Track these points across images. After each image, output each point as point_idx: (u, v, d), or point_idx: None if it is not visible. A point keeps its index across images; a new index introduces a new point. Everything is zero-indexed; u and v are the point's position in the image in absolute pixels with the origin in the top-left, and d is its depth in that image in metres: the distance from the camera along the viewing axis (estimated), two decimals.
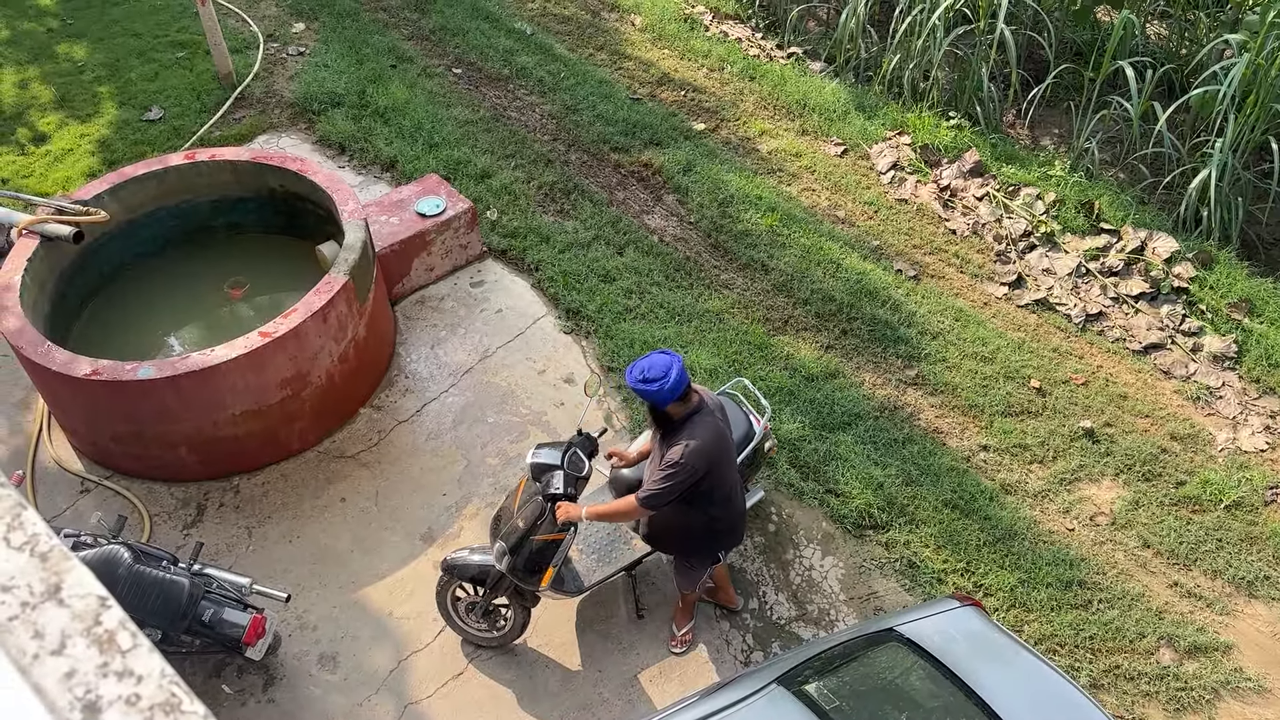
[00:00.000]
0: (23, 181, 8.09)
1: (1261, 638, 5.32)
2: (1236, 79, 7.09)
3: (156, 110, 8.86)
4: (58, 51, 9.65)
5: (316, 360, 5.98)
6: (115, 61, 9.44)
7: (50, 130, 8.73)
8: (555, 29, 9.79)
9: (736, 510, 4.74)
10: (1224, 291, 6.93)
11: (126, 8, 10.16)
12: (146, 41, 9.68)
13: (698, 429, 4.38)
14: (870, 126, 8.45)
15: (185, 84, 9.13)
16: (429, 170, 7.86)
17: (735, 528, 4.80)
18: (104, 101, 9.01)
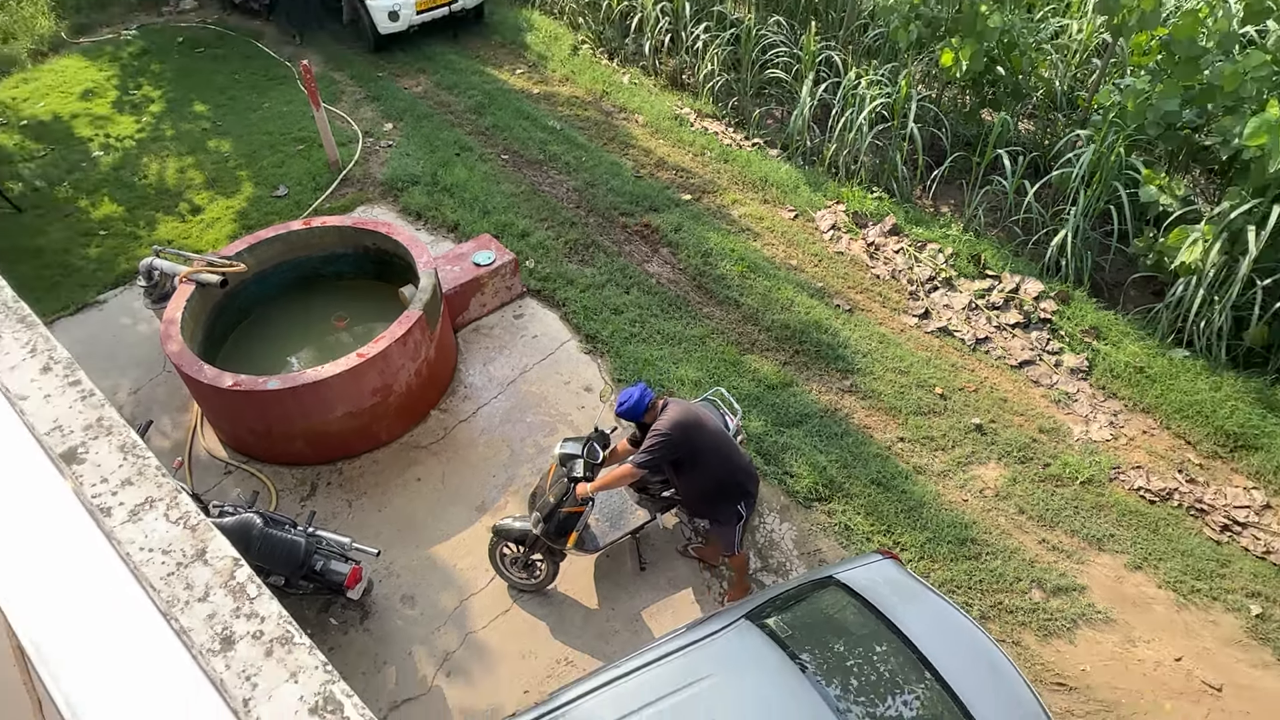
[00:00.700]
0: (183, 242, 8.18)
1: (1108, 581, 5.37)
2: (1085, 162, 7.17)
3: (282, 189, 8.95)
4: (209, 146, 9.75)
5: (398, 375, 6.05)
6: (252, 152, 9.54)
7: (203, 204, 8.83)
8: (578, 125, 9.85)
9: (738, 468, 4.66)
10: (1078, 321, 6.97)
11: (261, 113, 10.26)
12: (275, 138, 9.77)
13: (667, 412, 4.50)
14: (815, 197, 8.51)
15: (304, 169, 9.22)
16: (483, 231, 7.92)
17: (741, 484, 4.67)
18: (243, 182, 9.10)
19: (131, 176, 9.26)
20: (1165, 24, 6.94)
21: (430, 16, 11.06)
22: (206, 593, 1.05)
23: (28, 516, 1.13)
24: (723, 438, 4.70)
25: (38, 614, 1.05)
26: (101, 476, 1.08)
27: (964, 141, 8.60)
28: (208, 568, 1.05)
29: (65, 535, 1.10)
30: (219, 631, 1.01)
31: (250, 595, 1.06)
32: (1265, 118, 5.82)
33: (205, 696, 0.98)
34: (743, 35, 9.61)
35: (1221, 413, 6.15)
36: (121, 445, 1.14)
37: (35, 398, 1.18)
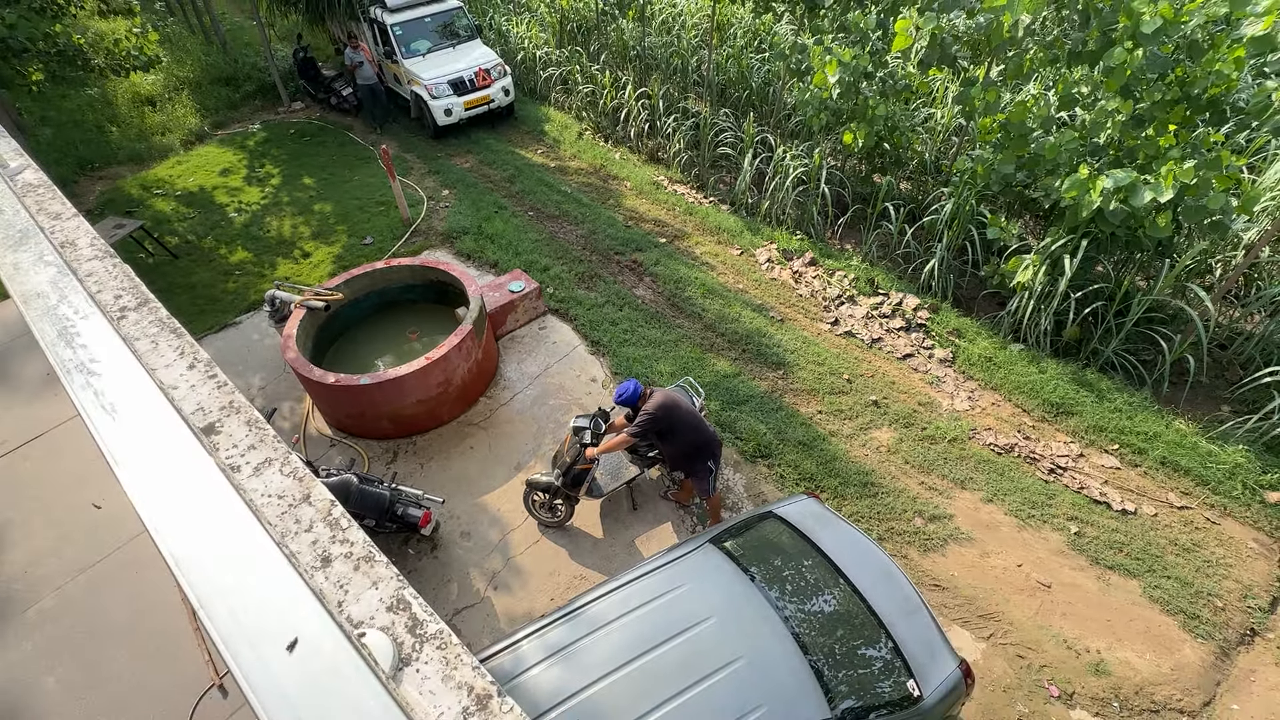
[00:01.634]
0: (296, 278, 8.10)
1: (969, 511, 5.39)
2: (947, 211, 7.20)
3: (369, 238, 8.86)
4: (315, 208, 9.64)
5: (456, 372, 6.01)
6: (346, 212, 9.45)
7: (311, 250, 8.74)
8: (583, 190, 9.80)
9: (705, 438, 4.63)
10: (944, 325, 6.99)
11: (353, 184, 10.16)
12: (363, 202, 9.68)
13: (653, 399, 4.50)
14: (754, 239, 8.49)
15: (384, 224, 9.13)
16: (516, 266, 7.88)
17: (707, 446, 4.65)
18: (340, 234, 9.01)
19: (258, 231, 9.17)
20: (1003, 111, 6.98)
21: (475, 113, 11.00)
22: (310, 525, 1.04)
23: (178, 476, 1.12)
24: (693, 416, 4.65)
25: (185, 548, 1.04)
26: (233, 443, 1.07)
27: (861, 197, 8.61)
28: (311, 508, 1.03)
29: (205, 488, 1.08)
30: (320, 553, 1.00)
31: (343, 526, 1.04)
32: (1077, 177, 5.85)
33: (310, 603, 0.97)
34: (701, 123, 9.60)
35: (1047, 389, 6.19)
36: (248, 420, 1.13)
37: (183, 387, 1.16)
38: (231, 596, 0.94)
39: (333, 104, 12.38)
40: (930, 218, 7.53)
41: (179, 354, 1.22)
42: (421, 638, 0.91)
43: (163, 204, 9.88)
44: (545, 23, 13.60)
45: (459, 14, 11.32)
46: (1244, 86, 6.34)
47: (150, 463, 1.09)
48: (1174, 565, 4.95)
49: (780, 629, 3.55)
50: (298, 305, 6.27)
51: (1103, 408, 5.99)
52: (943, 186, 7.88)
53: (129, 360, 1.20)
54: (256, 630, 0.93)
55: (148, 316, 1.27)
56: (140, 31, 9.43)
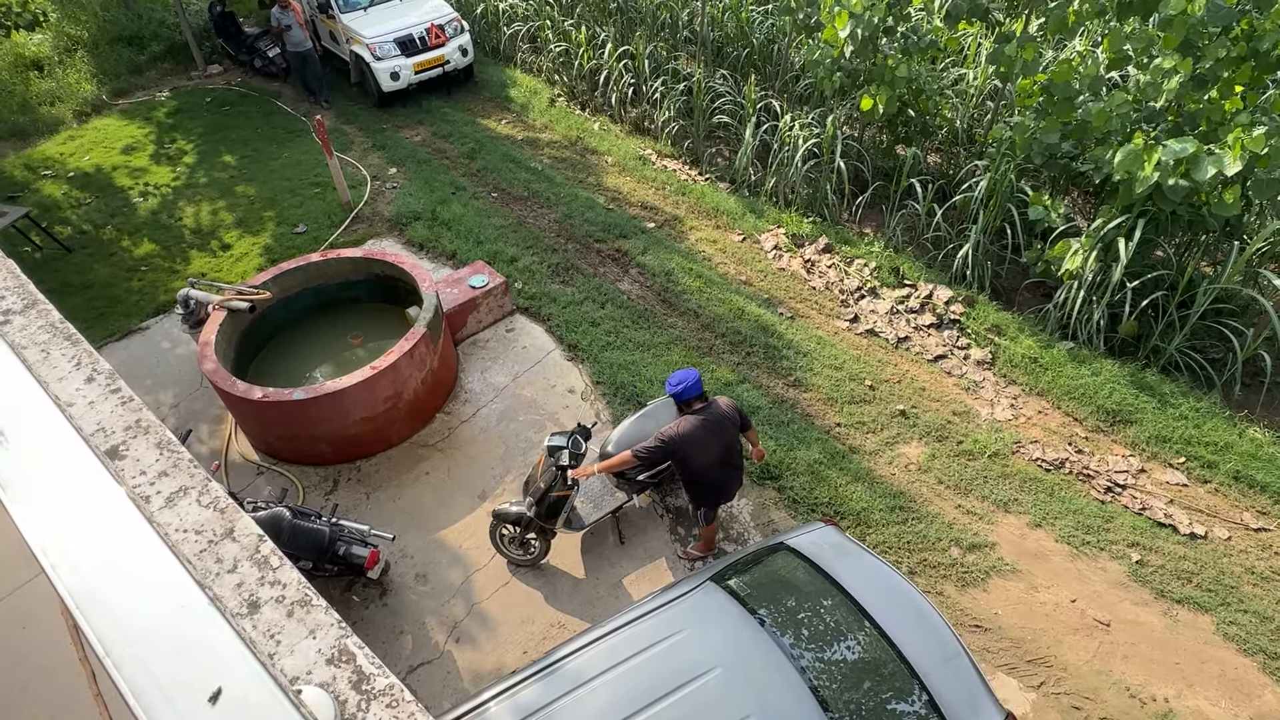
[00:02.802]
0: (215, 274, 8.06)
1: (1014, 538, 5.44)
2: (983, 188, 7.30)
3: (302, 226, 8.83)
4: (237, 191, 9.60)
5: (407, 383, 5.99)
6: (274, 196, 9.41)
7: (232, 241, 8.70)
8: (557, 166, 9.84)
9: (709, 483, 4.69)
10: (982, 321, 7.07)
11: (281, 161, 10.14)
12: (294, 183, 9.65)
13: (685, 423, 4.46)
14: (759, 223, 8.56)
15: (320, 209, 9.11)
16: (477, 258, 7.87)
17: (708, 492, 4.76)
18: (267, 222, 8.98)
19: (168, 219, 9.10)
20: (1045, 71, 7.10)
21: (427, 76, 11.01)
22: (235, 564, 1.04)
23: (78, 507, 1.11)
24: (711, 464, 4.57)
25: (89, 590, 1.03)
26: (141, 470, 1.06)
27: (882, 173, 8.70)
28: (235, 544, 1.03)
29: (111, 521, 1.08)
30: (247, 598, 1.00)
31: (274, 566, 1.04)
32: (1131, 148, 5.97)
33: (238, 653, 0.96)
34: (694, 87, 9.67)
35: (1102, 394, 6.29)
36: (158, 443, 1.12)
37: (80, 404, 1.16)
38: (143, 644, 0.94)
39: (256, 67, 12.33)
40: (963, 196, 7.63)
41: (75, 364, 1.21)
42: (369, 694, 0.91)
43: (52, 187, 9.77)
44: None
45: None
46: None
47: (46, 492, 1.08)
48: (1252, 597, 5.03)
49: (795, 681, 3.56)
50: (216, 306, 6.22)
51: (1166, 415, 6.08)
52: (977, 159, 7.99)
53: (17, 372, 1.19)
54: (172, 681, 0.93)
55: (36, 321, 1.27)
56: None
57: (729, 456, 4.67)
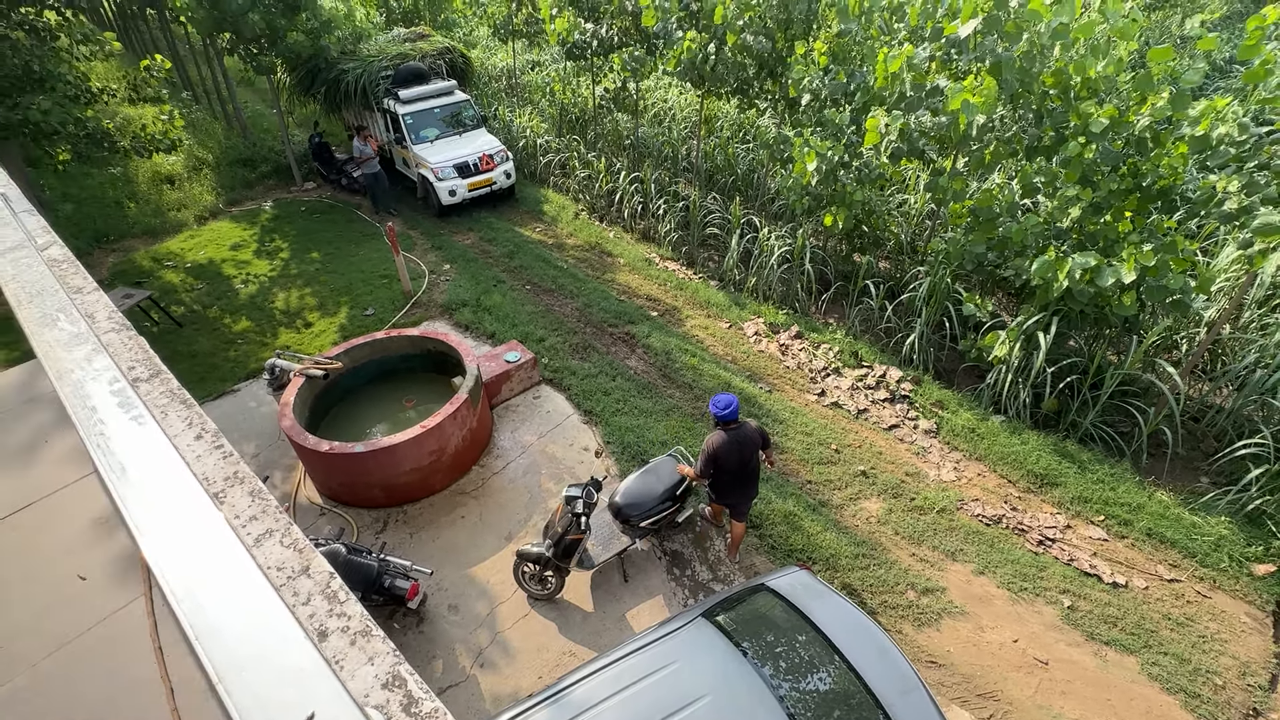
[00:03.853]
0: (297, 347, 8.15)
1: (961, 583, 5.27)
2: (924, 289, 7.43)
3: (371, 309, 8.97)
4: (320, 280, 9.82)
5: (450, 440, 5.96)
6: (349, 285, 9.61)
7: (314, 320, 8.83)
8: (579, 266, 10.06)
9: (735, 489, 4.91)
10: (928, 397, 7.06)
11: (357, 258, 10.40)
12: (367, 275, 9.87)
13: (720, 438, 4.66)
14: (742, 313, 8.67)
15: (387, 296, 9.27)
16: (512, 338, 7.97)
17: (731, 494, 4.96)
18: (343, 305, 9.13)
19: (263, 302, 9.28)
20: (971, 198, 7.34)
21: (478, 194, 11.44)
22: (309, 598, 1.02)
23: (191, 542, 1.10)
24: (735, 472, 4.77)
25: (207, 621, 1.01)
26: (236, 514, 1.06)
27: (843, 275, 8.88)
28: (310, 580, 1.02)
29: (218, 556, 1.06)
30: (317, 627, 0.98)
31: (341, 600, 1.02)
32: (1044, 259, 6.10)
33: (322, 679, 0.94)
34: (691, 206, 10.01)
35: (1030, 460, 6.20)
36: (251, 491, 1.12)
37: (190, 456, 1.16)
38: (249, 670, 0.91)
39: (343, 184, 12.84)
40: (909, 295, 7.76)
41: (187, 424, 1.23)
42: (417, 716, 0.88)
43: (172, 275, 10.02)
44: (546, 114, 14.38)
45: (465, 106, 11.97)
46: (1190, 179, 6.75)
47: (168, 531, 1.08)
48: (1170, 641, 4.81)
49: (775, 709, 3.38)
50: (297, 373, 6.27)
51: (1085, 479, 5.98)
52: (919, 266, 8.16)
53: (145, 429, 1.21)
54: (278, 704, 0.90)
55: (159, 387, 1.29)
56: (167, 118, 9.87)
57: (749, 468, 4.82)
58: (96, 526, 1.86)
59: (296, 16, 10.51)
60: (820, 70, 8.01)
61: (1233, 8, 23.52)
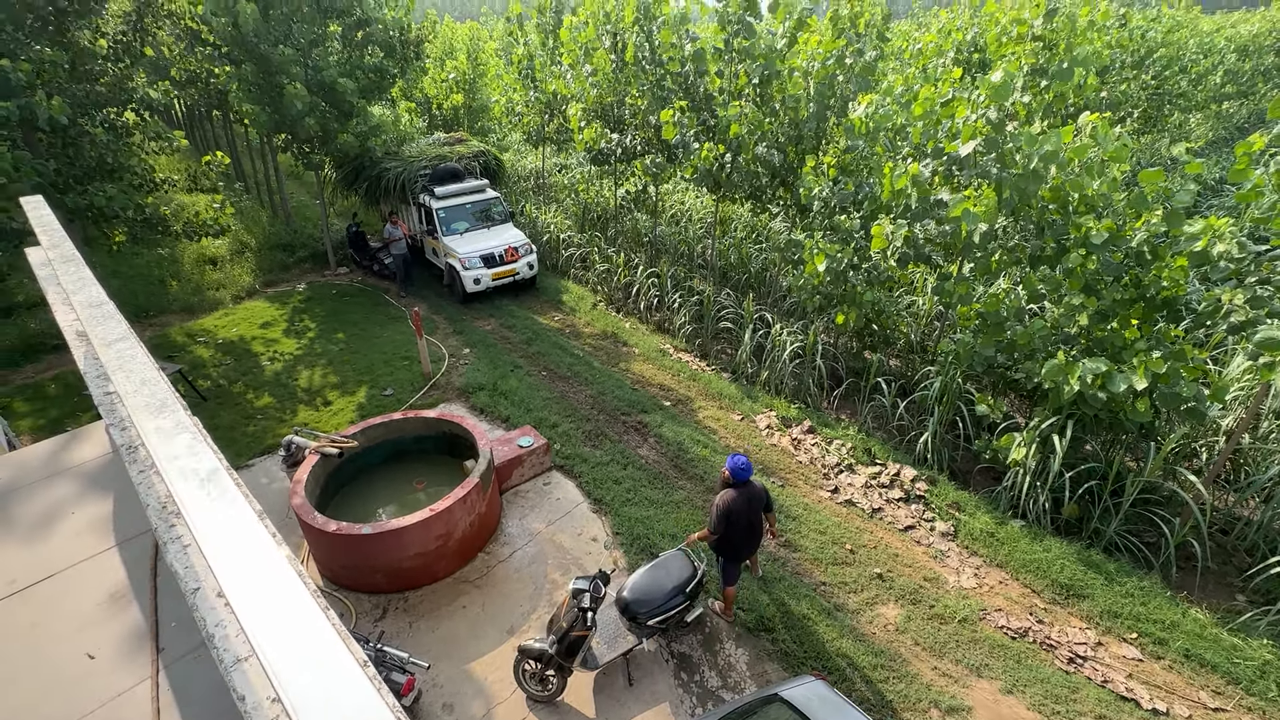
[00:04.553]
0: (315, 424, 8.22)
1: (989, 702, 4.91)
2: (936, 388, 7.46)
3: (390, 390, 9.12)
4: (344, 360, 10.06)
5: (457, 525, 5.87)
6: (371, 365, 9.83)
7: (334, 399, 8.96)
8: (595, 354, 10.25)
9: (735, 542, 5.06)
10: (943, 497, 6.90)
11: (381, 340, 10.69)
12: (389, 356, 10.10)
13: (730, 494, 4.94)
14: (755, 406, 8.70)
15: (406, 377, 9.45)
16: (526, 423, 8.01)
17: (732, 548, 5.11)
18: (362, 385, 9.30)
19: (287, 379, 9.49)
20: (977, 301, 7.51)
21: (501, 283, 11.92)
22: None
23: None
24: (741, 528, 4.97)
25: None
26: None
27: (854, 371, 8.96)
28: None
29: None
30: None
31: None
32: (1054, 363, 6.15)
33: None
34: (705, 300, 10.31)
35: (1054, 568, 5.95)
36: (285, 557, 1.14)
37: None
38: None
39: (374, 270, 13.45)
40: (921, 393, 7.77)
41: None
42: None
43: (203, 350, 10.34)
44: (570, 212, 15.21)
45: (495, 202, 12.73)
46: (1193, 290, 6.90)
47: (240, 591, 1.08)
48: None
49: None
50: (312, 451, 6.31)
51: (1114, 591, 5.70)
52: (930, 365, 8.22)
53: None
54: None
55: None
56: (219, 206, 10.58)
57: (753, 526, 5.08)
58: (112, 601, 1.85)
59: (348, 122, 11.47)
60: (830, 180, 8.50)
61: (1217, 134, 24.87)
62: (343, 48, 11.45)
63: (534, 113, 14.87)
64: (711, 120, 9.89)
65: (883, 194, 7.52)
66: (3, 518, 2.09)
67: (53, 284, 2.02)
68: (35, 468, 2.32)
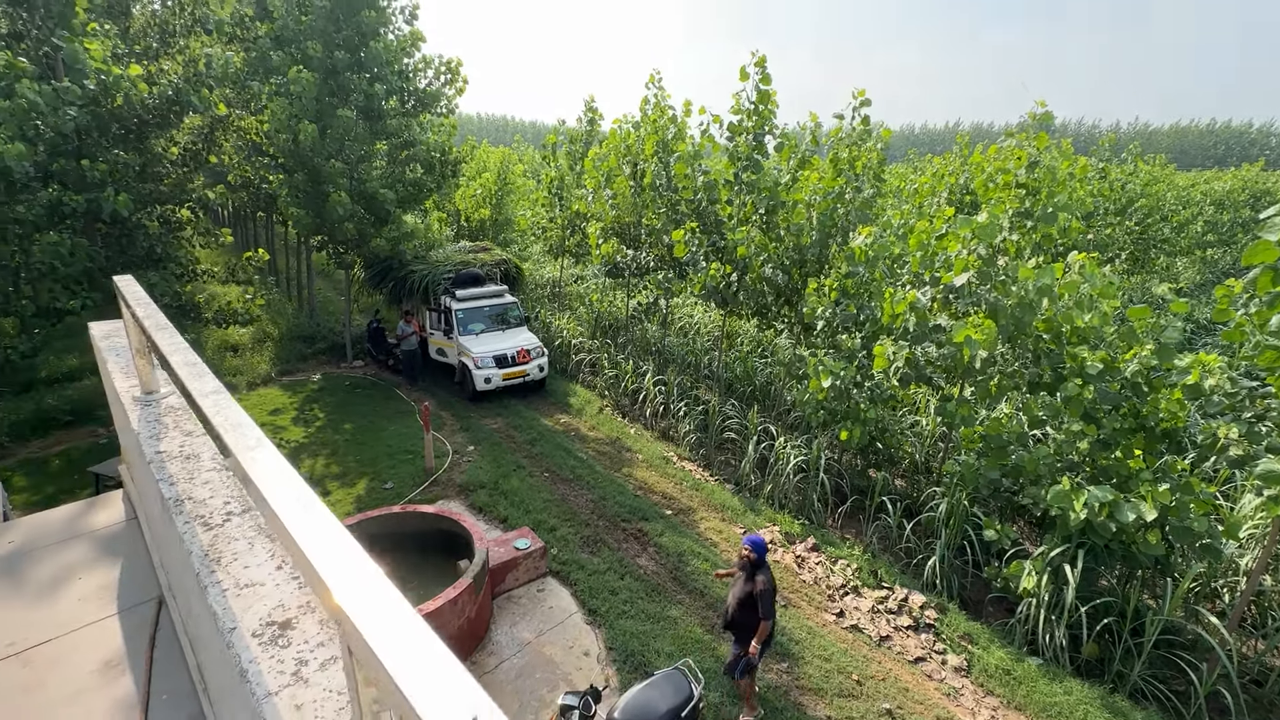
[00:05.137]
0: None
1: None
2: (943, 510, 7.35)
3: (390, 483, 9.07)
4: (348, 450, 10.09)
5: (444, 630, 5.60)
6: (375, 458, 9.84)
7: (332, 489, 8.90)
8: (598, 458, 10.23)
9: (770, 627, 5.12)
10: (954, 628, 6.57)
11: (388, 433, 10.77)
12: (393, 449, 10.13)
13: (768, 573, 5.10)
14: (757, 520, 8.53)
15: (409, 472, 9.42)
16: (524, 524, 7.87)
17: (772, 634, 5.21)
18: (363, 478, 9.26)
19: None
20: (980, 423, 7.61)
21: (511, 382, 12.17)
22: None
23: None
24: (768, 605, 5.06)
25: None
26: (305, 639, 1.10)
27: (858, 489, 8.85)
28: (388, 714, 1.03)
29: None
30: None
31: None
32: (1059, 489, 6.12)
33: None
34: (709, 410, 10.45)
35: (1077, 715, 5.54)
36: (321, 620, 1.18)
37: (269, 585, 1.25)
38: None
39: (389, 365, 13.82)
40: (927, 515, 7.64)
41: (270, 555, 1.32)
42: None
43: None
44: (583, 319, 15.81)
45: (513, 307, 13.31)
46: (1193, 422, 6.98)
47: None
48: None
49: None
50: None
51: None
52: (935, 486, 8.15)
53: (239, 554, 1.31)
54: None
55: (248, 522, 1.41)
56: (250, 298, 11.14)
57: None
58: (106, 669, 1.83)
59: (383, 227, 12.34)
60: (832, 302, 8.93)
61: (1205, 277, 26.03)
62: (387, 164, 12.57)
63: (557, 227, 15.93)
64: (721, 241, 10.58)
65: (883, 317, 7.87)
66: (14, 579, 2.10)
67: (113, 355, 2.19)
68: (53, 531, 2.36)
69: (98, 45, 7.92)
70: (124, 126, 8.61)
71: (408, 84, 12.48)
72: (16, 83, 7.29)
